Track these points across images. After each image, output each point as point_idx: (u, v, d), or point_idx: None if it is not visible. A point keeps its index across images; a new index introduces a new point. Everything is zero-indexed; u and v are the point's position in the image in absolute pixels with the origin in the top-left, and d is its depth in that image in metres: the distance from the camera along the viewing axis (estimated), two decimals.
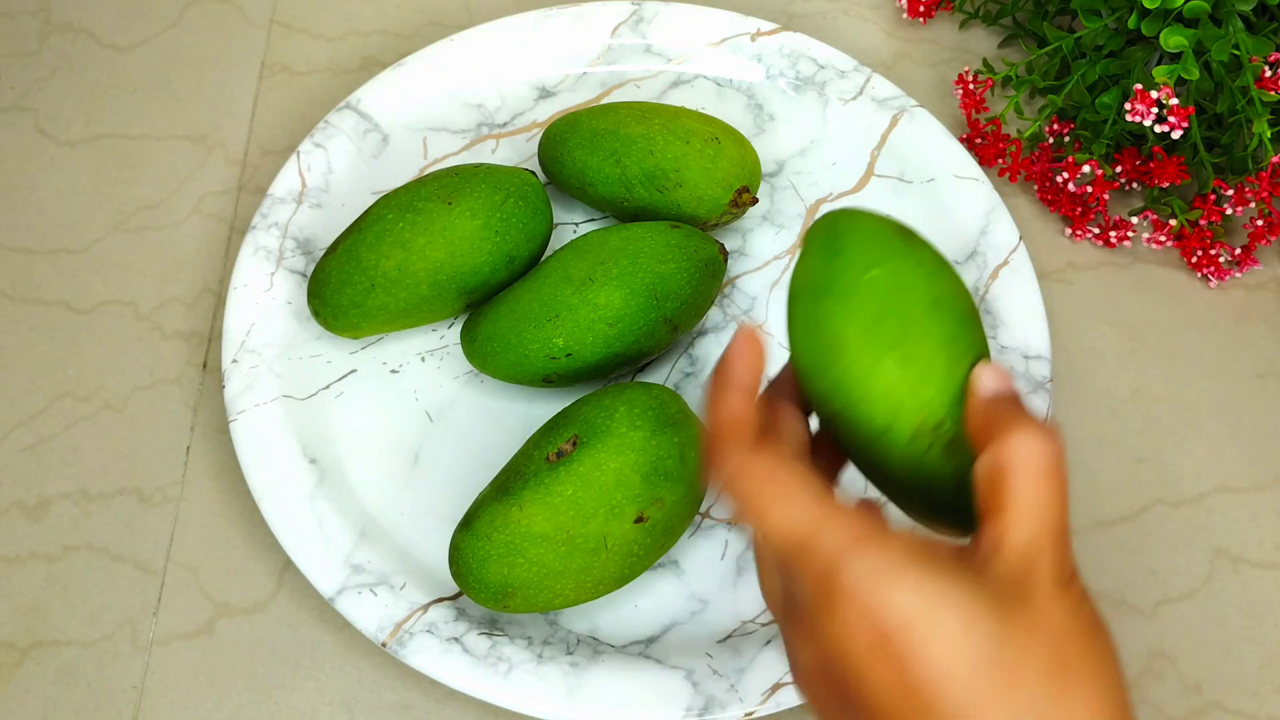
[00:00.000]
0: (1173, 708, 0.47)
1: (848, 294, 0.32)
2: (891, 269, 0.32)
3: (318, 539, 0.47)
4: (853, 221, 0.33)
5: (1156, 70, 0.52)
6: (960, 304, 0.33)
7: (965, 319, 0.33)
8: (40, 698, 0.46)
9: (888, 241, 0.33)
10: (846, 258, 0.32)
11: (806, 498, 0.29)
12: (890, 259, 0.32)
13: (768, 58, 0.60)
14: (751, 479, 0.30)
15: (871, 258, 0.32)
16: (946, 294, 0.33)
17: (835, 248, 0.33)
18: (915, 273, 0.32)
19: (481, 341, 0.49)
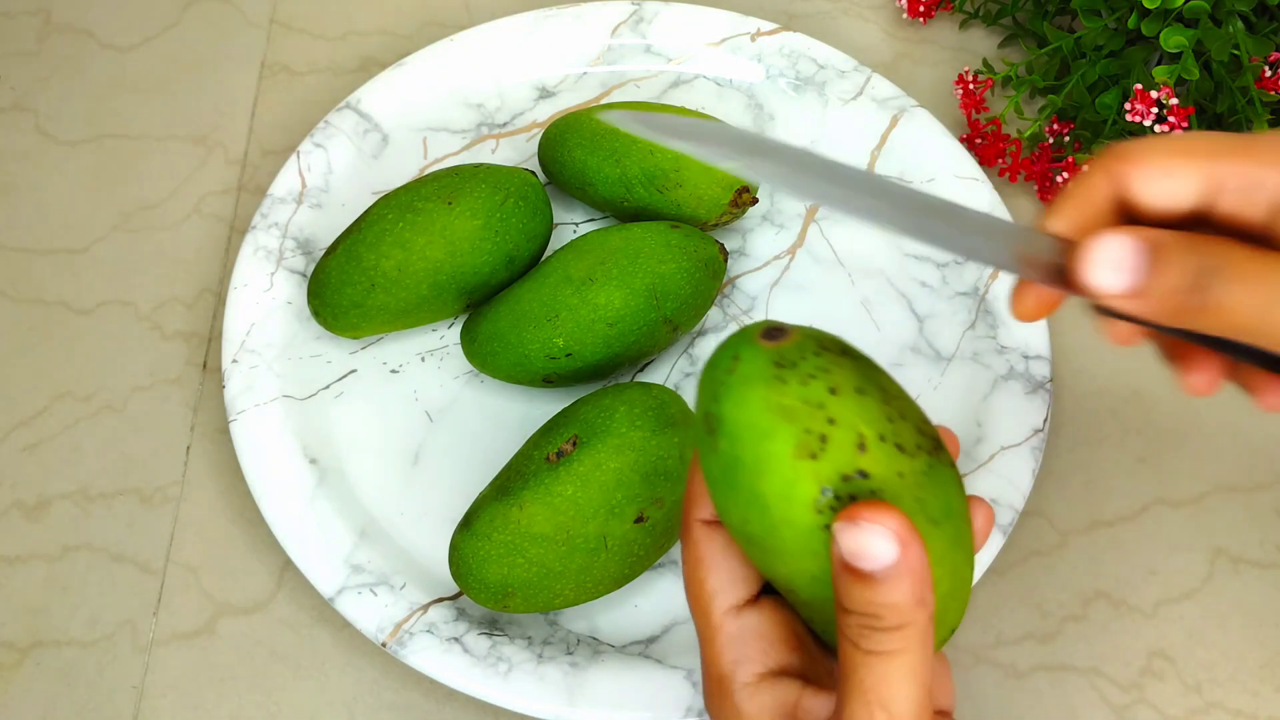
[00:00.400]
0: (1172, 708, 0.47)
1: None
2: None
3: (318, 539, 0.47)
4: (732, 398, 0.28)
5: (1156, 70, 0.52)
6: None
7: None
8: (40, 697, 0.46)
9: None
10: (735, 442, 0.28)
11: (705, 609, 0.30)
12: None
13: (768, 58, 0.60)
14: (687, 551, 0.31)
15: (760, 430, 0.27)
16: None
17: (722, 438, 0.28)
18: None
19: (481, 341, 0.49)
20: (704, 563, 0.30)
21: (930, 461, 0.28)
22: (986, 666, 0.47)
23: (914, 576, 0.26)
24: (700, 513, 0.31)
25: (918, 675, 0.27)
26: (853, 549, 0.26)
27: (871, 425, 0.27)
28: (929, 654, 0.27)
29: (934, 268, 0.55)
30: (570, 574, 0.43)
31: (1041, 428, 0.50)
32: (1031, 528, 0.50)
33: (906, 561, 0.26)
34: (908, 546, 0.26)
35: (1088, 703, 0.47)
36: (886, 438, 0.27)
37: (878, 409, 0.27)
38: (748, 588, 0.31)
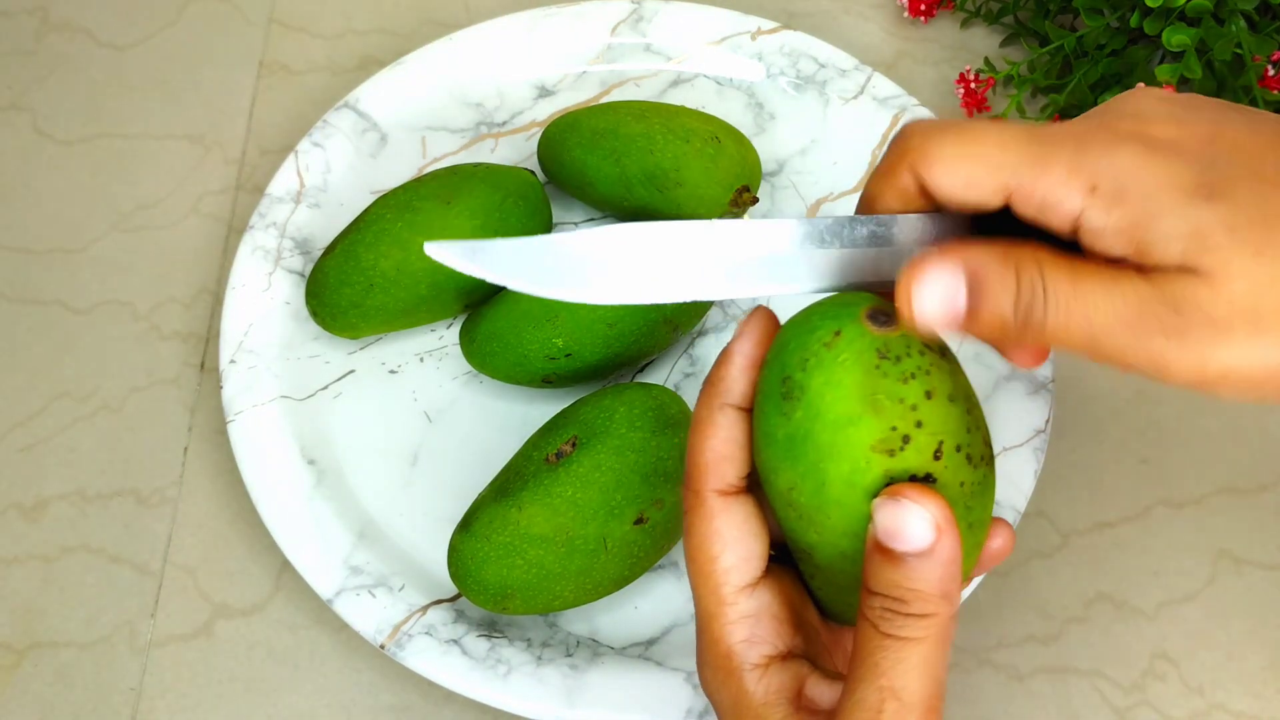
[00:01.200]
0: (1175, 710, 0.47)
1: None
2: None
3: (316, 540, 0.47)
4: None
5: (1159, 69, 0.52)
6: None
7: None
8: (38, 699, 0.46)
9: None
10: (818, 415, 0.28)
11: (715, 585, 0.29)
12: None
13: (768, 56, 0.59)
14: (699, 525, 0.30)
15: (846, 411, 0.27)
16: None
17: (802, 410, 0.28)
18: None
19: (481, 342, 0.49)
20: (720, 537, 0.29)
21: (986, 472, 0.29)
22: (988, 668, 0.47)
23: (945, 568, 0.26)
24: (715, 482, 0.29)
25: (933, 667, 0.27)
26: (890, 527, 0.26)
27: (953, 435, 0.27)
28: (947, 648, 0.27)
29: None
30: (570, 575, 0.43)
31: (1043, 428, 0.50)
32: (1033, 529, 0.50)
33: (940, 550, 0.26)
34: (944, 535, 0.26)
35: (1089, 705, 0.47)
36: (962, 448, 0.28)
37: (962, 419, 0.28)
38: (760, 565, 0.30)
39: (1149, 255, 0.26)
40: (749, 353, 0.30)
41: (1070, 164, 0.27)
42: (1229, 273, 0.25)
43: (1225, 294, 0.25)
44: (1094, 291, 0.26)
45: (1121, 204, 0.26)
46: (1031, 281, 0.27)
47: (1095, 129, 0.27)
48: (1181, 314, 0.26)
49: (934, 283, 0.27)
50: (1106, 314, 0.26)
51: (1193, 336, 0.26)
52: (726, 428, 0.29)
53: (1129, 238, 0.26)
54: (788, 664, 0.30)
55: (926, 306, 0.27)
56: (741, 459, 0.30)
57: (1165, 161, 0.26)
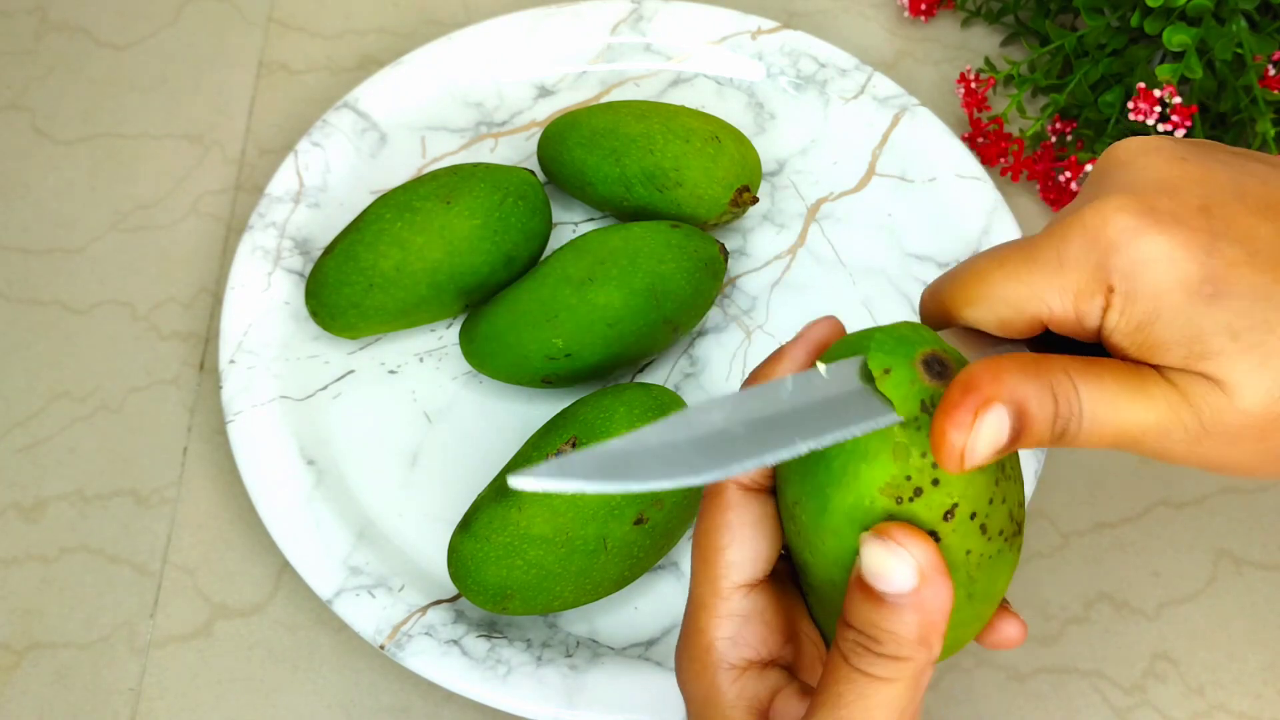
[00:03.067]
0: (1175, 710, 0.47)
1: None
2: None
3: (315, 540, 0.47)
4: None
5: (1159, 69, 0.52)
6: None
7: None
8: (37, 700, 0.46)
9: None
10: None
11: (715, 577, 0.29)
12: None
13: (768, 56, 0.59)
14: (715, 513, 0.29)
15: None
16: None
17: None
18: None
19: (480, 342, 0.49)
20: (731, 530, 0.29)
21: (1003, 547, 0.28)
22: (988, 669, 0.47)
23: (925, 615, 0.26)
24: (741, 475, 0.29)
25: (899, 712, 0.26)
26: (873, 567, 0.26)
27: (971, 502, 0.26)
28: (917, 695, 0.26)
29: (935, 267, 0.55)
30: (569, 576, 0.43)
31: None
32: (1034, 529, 0.50)
33: (921, 597, 0.25)
34: (928, 584, 0.25)
35: (1090, 705, 0.47)
36: (977, 516, 0.27)
37: (986, 487, 0.27)
38: (764, 568, 0.29)
39: (1156, 357, 0.27)
40: (800, 358, 0.30)
41: (1090, 273, 0.27)
42: (1238, 383, 0.26)
43: (1239, 405, 0.26)
44: (1124, 404, 0.27)
45: (1133, 304, 0.27)
46: (1069, 403, 0.27)
47: (1098, 218, 0.27)
48: (1202, 421, 0.26)
49: (987, 428, 0.26)
50: (1134, 424, 0.27)
51: (1214, 441, 0.27)
52: None
53: (1136, 341, 0.27)
54: (765, 673, 0.29)
55: (980, 453, 0.26)
56: None
57: (1168, 246, 0.26)
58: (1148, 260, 0.26)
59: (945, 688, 0.47)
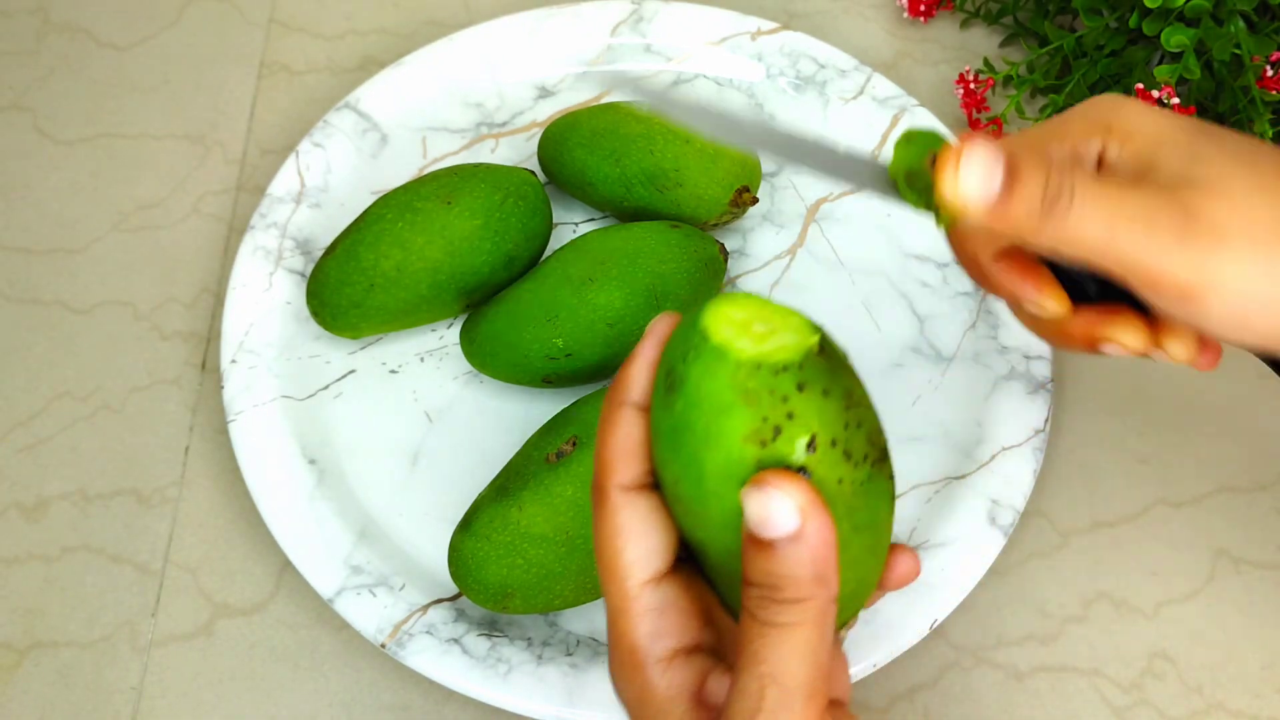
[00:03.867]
0: (1174, 709, 0.47)
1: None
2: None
3: (317, 540, 0.47)
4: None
5: (1158, 69, 0.52)
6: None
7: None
8: (38, 699, 0.46)
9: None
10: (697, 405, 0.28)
11: (620, 580, 0.29)
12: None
13: (768, 57, 0.59)
14: (603, 520, 0.30)
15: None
16: None
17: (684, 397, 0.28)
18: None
19: (481, 342, 0.49)
20: (623, 532, 0.29)
21: (871, 473, 0.28)
22: (987, 667, 0.47)
23: (814, 552, 0.27)
24: (619, 478, 0.30)
25: (813, 652, 0.27)
26: (757, 515, 0.26)
27: (827, 428, 0.27)
28: (826, 634, 0.27)
29: (935, 268, 0.55)
30: (570, 575, 0.43)
31: (1042, 428, 0.50)
32: (1032, 528, 0.50)
33: (809, 534, 0.26)
34: (810, 519, 0.26)
35: (1089, 704, 0.47)
36: (838, 443, 0.27)
37: (839, 414, 0.28)
38: (664, 559, 0.30)
39: (1156, 172, 0.30)
40: (650, 354, 0.30)
41: (1090, 122, 0.32)
42: (1229, 186, 0.29)
43: (1227, 202, 0.29)
44: (1115, 192, 0.30)
45: (1132, 140, 0.31)
46: (1061, 176, 0.29)
47: (1095, 99, 0.33)
48: (1190, 217, 0.29)
49: (976, 163, 0.29)
50: (1125, 211, 0.29)
51: (1198, 241, 0.29)
52: (627, 425, 0.30)
53: (1139, 160, 0.31)
54: (692, 659, 0.30)
55: (967, 184, 0.29)
56: (643, 455, 0.30)
57: (1162, 114, 0.31)
58: (1146, 113, 0.31)
59: (944, 687, 0.47)
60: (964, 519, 0.48)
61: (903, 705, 0.47)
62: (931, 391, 0.52)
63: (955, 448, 0.50)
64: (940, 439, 0.51)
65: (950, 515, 0.48)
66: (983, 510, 0.48)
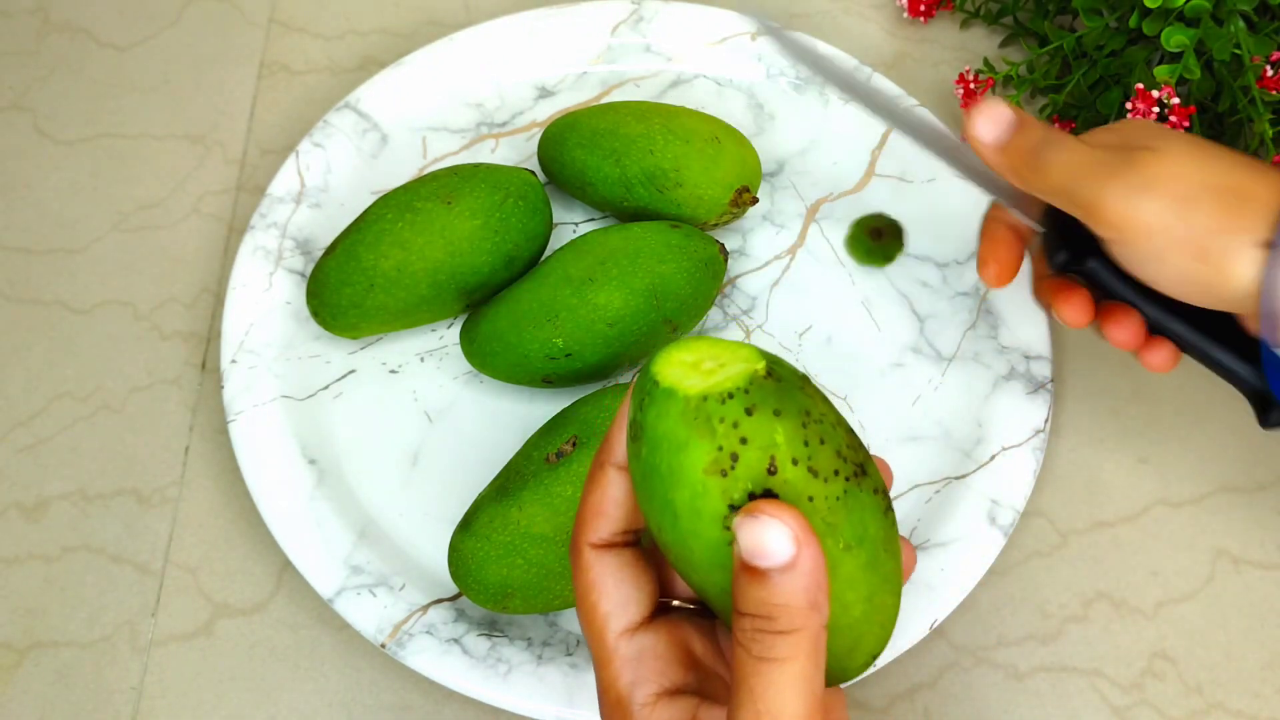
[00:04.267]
0: (1174, 709, 0.47)
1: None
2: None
3: (317, 540, 0.47)
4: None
5: (1158, 69, 0.52)
6: None
7: None
8: (38, 699, 0.46)
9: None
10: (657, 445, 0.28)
11: (599, 632, 0.30)
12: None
13: (768, 57, 0.59)
14: (578, 576, 0.31)
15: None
16: None
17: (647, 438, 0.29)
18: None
19: (481, 342, 0.49)
20: (595, 587, 0.30)
21: (847, 487, 0.28)
22: (987, 667, 0.47)
23: (808, 579, 0.27)
24: (590, 536, 0.31)
25: (807, 683, 0.27)
26: (751, 545, 0.26)
27: (785, 448, 0.27)
28: (820, 664, 0.27)
29: (934, 268, 0.55)
30: (570, 575, 0.43)
31: (1042, 428, 0.50)
32: (1032, 528, 0.50)
33: (803, 561, 0.26)
34: (804, 547, 0.26)
35: (1089, 704, 0.47)
36: (799, 461, 0.27)
37: (794, 432, 0.27)
38: (640, 610, 0.30)
39: (1128, 143, 0.39)
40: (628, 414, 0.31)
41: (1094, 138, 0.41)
42: (1170, 150, 0.38)
43: (1163, 160, 0.37)
44: (1086, 149, 0.39)
45: (1116, 133, 0.40)
46: (1049, 132, 0.39)
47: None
48: (1131, 168, 0.37)
49: (994, 112, 0.40)
50: (1086, 161, 0.38)
51: (1132, 185, 0.37)
52: (604, 486, 0.31)
53: (1122, 139, 0.39)
54: (676, 700, 0.30)
55: (983, 124, 0.40)
56: (617, 515, 0.31)
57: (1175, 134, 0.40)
58: (1127, 123, 0.42)
59: (944, 686, 0.47)
60: (964, 519, 0.48)
61: (903, 705, 0.47)
62: (931, 391, 0.52)
63: (955, 448, 0.50)
64: (940, 439, 0.51)
65: (950, 515, 0.48)
66: (983, 510, 0.48)
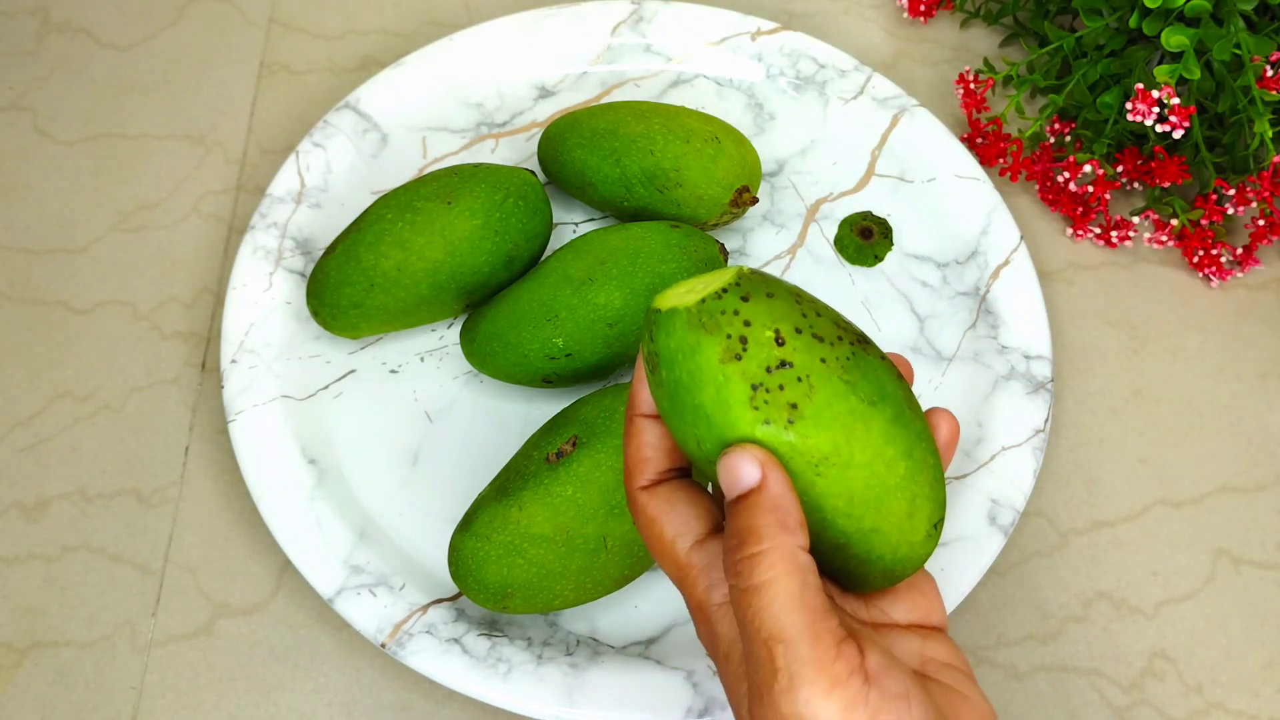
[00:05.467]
0: (1174, 709, 0.47)
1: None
2: None
3: (317, 539, 0.47)
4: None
5: (1158, 70, 0.52)
6: None
7: None
8: (39, 698, 0.46)
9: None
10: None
11: (671, 554, 0.32)
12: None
13: (768, 57, 0.59)
14: (639, 518, 0.33)
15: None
16: None
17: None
18: None
19: (481, 341, 0.49)
20: (657, 520, 0.32)
21: (854, 350, 0.30)
22: (987, 667, 0.47)
23: (775, 500, 0.29)
24: (638, 482, 0.33)
25: (798, 598, 0.28)
26: (727, 479, 0.29)
27: (786, 321, 0.29)
28: (808, 578, 0.28)
29: (934, 268, 0.55)
30: (570, 575, 0.43)
31: (1042, 428, 0.50)
32: (1032, 528, 0.50)
33: (768, 484, 0.28)
34: (768, 469, 0.29)
35: (1088, 703, 0.47)
36: (803, 330, 0.29)
37: (790, 308, 0.30)
38: (703, 524, 0.32)
39: None
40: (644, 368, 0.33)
41: None
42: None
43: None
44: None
45: None
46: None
47: None
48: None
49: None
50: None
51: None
52: (638, 435, 0.33)
53: None
54: None
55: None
56: (657, 458, 0.33)
57: None
58: None
59: None
60: (964, 519, 0.48)
61: None
62: (931, 391, 0.52)
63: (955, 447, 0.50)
64: None
65: (950, 515, 0.48)
66: (983, 510, 0.48)
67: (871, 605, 0.34)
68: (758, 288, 0.30)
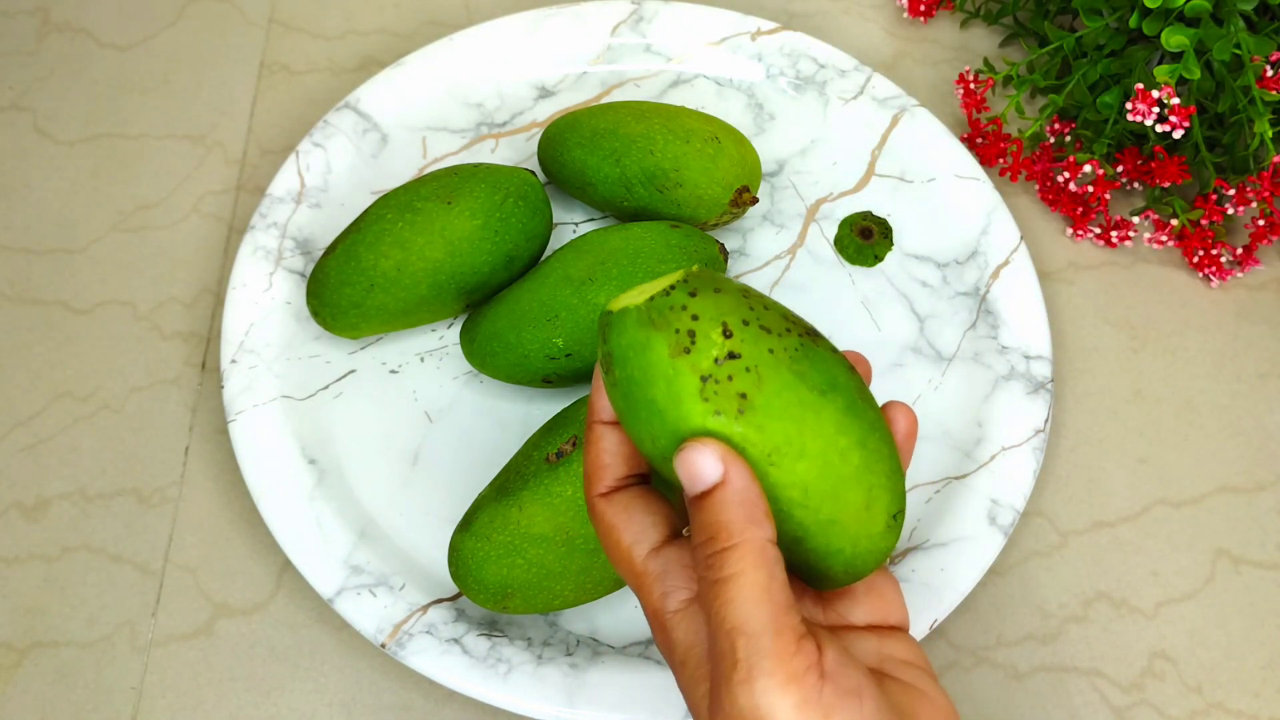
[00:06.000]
0: (1173, 709, 0.47)
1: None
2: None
3: (317, 540, 0.47)
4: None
5: (1158, 70, 0.52)
6: None
7: None
8: (39, 698, 0.46)
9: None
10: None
11: (628, 561, 0.32)
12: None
13: (768, 57, 0.59)
14: (597, 525, 0.33)
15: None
16: None
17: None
18: None
19: (481, 341, 0.49)
20: (614, 527, 0.32)
21: (802, 342, 0.30)
22: (987, 667, 0.47)
23: (740, 494, 0.29)
24: (597, 489, 0.33)
25: (766, 594, 0.28)
26: (687, 475, 0.29)
27: (733, 314, 0.30)
28: (775, 573, 0.29)
29: (935, 268, 0.55)
30: (570, 575, 0.43)
31: (1042, 428, 0.50)
32: (1032, 528, 0.50)
33: (731, 478, 0.29)
34: (730, 464, 0.29)
35: (1088, 704, 0.47)
36: (750, 322, 0.30)
37: (737, 302, 0.30)
38: (659, 532, 0.32)
39: None
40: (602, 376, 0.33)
41: None
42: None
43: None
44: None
45: None
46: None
47: None
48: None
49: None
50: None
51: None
52: (597, 442, 0.33)
53: None
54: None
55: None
56: (615, 464, 0.33)
57: None
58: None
59: (944, 686, 0.47)
60: (964, 519, 0.48)
61: None
62: (931, 392, 0.52)
63: (955, 448, 0.50)
64: (940, 439, 0.51)
65: (950, 515, 0.48)
66: (983, 510, 0.48)
67: (829, 609, 0.34)
68: (705, 284, 0.30)
